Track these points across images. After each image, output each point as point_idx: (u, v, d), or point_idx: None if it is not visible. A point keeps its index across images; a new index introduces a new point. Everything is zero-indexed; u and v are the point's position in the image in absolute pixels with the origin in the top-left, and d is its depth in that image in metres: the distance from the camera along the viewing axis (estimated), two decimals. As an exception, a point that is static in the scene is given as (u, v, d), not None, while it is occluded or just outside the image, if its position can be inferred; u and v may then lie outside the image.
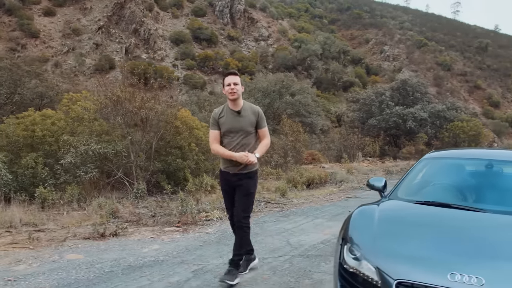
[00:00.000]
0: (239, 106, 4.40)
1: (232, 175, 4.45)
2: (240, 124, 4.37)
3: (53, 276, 4.49)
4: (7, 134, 9.75)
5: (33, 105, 22.39)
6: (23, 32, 65.53)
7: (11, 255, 5.26)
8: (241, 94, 4.45)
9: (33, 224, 6.68)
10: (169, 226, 6.79)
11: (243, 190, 4.43)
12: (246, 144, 4.38)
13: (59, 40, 67.77)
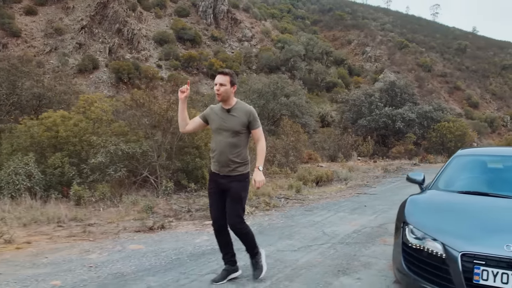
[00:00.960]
0: (229, 105, 4.31)
1: (221, 177, 4.32)
2: (228, 123, 4.27)
3: (127, 263, 4.93)
4: (32, 135, 10.06)
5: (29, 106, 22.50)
6: (4, 31, 64.63)
7: (76, 246, 5.68)
8: (230, 94, 4.31)
9: (79, 219, 7.07)
10: (207, 220, 7.28)
11: (233, 194, 4.28)
12: (236, 145, 4.25)
13: (41, 40, 67.04)
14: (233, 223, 4.29)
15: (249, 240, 4.47)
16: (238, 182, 4.27)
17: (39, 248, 5.59)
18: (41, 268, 4.77)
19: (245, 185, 4.34)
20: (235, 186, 4.26)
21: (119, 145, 9.28)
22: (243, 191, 4.32)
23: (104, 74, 62.94)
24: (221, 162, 4.28)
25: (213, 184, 4.42)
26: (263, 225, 7.13)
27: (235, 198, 4.26)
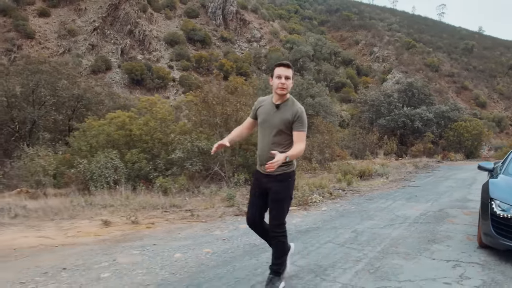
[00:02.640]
0: (281, 100, 3.90)
1: (263, 176, 3.98)
2: (274, 120, 3.85)
3: (251, 236, 5.88)
4: (108, 133, 11.05)
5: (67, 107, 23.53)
6: (18, 33, 65.68)
7: (195, 226, 6.67)
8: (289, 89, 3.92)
9: (177, 206, 8.07)
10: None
11: (273, 195, 3.92)
12: (280, 143, 3.84)
13: (55, 41, 68.07)
14: (273, 226, 3.97)
15: (282, 251, 4.05)
16: (279, 182, 3.89)
17: (165, 227, 6.58)
18: (182, 241, 5.74)
19: (287, 185, 3.96)
20: (275, 187, 3.90)
21: (195, 142, 10.28)
22: (284, 191, 3.94)
23: (117, 74, 63.94)
24: (262, 160, 3.95)
25: (255, 182, 4.14)
26: (339, 210, 8.12)
27: (275, 200, 3.93)
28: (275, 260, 4.03)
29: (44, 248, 5.45)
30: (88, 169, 9.40)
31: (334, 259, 4.90)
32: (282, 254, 4.07)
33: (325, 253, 5.13)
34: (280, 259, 4.04)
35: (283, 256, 4.08)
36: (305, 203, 8.53)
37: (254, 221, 4.16)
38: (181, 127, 11.59)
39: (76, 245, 5.61)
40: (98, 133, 11.03)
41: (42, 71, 21.83)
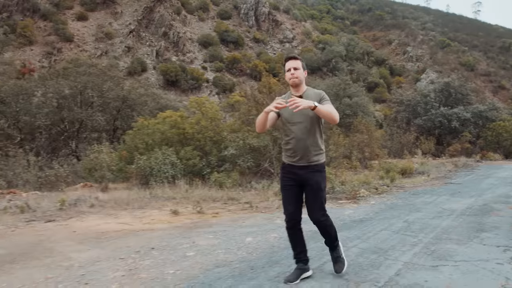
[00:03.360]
0: (301, 91, 4.03)
1: (299, 168, 3.99)
2: (303, 110, 3.78)
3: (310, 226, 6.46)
4: (162, 132, 11.78)
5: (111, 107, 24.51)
6: (58, 37, 67.87)
7: (256, 216, 7.28)
8: (303, 79, 4.10)
9: (234, 199, 8.69)
10: (338, 200, 8.82)
11: (313, 186, 3.97)
12: (312, 132, 3.96)
13: (92, 44, 70.00)
14: (317, 217, 4.04)
15: (332, 233, 4.18)
16: (318, 172, 3.99)
17: (229, 217, 7.19)
18: (249, 228, 6.31)
19: (323, 175, 4.05)
20: (315, 178, 3.97)
21: (247, 140, 10.89)
22: (323, 181, 4.04)
23: (152, 76, 65.30)
24: (298, 151, 3.96)
25: (288, 177, 4.08)
26: (387, 204, 8.59)
27: (316, 189, 3.98)
28: (330, 243, 4.25)
29: (128, 232, 6.12)
30: (148, 165, 10.11)
31: (392, 243, 5.40)
32: (335, 237, 4.22)
33: (383, 239, 5.63)
34: (334, 240, 4.22)
35: (336, 240, 4.23)
36: (354, 197, 9.03)
37: (294, 217, 4.14)
38: (231, 125, 12.23)
39: (154, 230, 6.26)
40: (153, 132, 11.74)
41: (90, 73, 22.85)
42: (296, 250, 4.24)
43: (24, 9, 70.54)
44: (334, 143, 14.19)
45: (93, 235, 5.92)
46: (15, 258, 4.86)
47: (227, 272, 4.31)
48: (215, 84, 66.98)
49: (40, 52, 66.21)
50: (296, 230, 4.21)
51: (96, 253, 5.06)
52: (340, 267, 4.18)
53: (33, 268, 4.55)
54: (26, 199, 8.50)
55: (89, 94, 22.63)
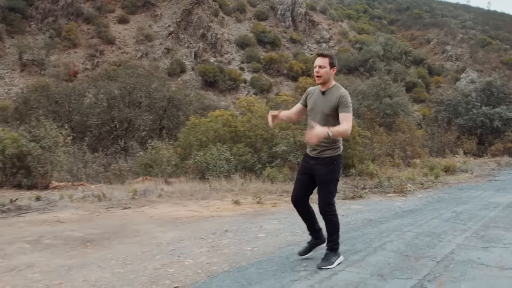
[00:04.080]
0: (326, 88, 4.21)
1: (311, 158, 4.30)
2: (321, 106, 4.16)
3: (366, 214, 7.01)
4: (215, 130, 12.53)
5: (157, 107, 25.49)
6: (100, 39, 70.09)
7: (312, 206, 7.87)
8: (329, 76, 4.19)
9: (288, 191, 9.29)
10: (387, 194, 9.33)
11: (319, 178, 4.22)
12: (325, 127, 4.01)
13: (133, 46, 71.99)
14: (322, 208, 4.25)
15: (332, 228, 4.32)
16: (326, 165, 4.18)
17: (288, 206, 7.74)
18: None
19: (333, 168, 4.21)
20: (322, 169, 4.18)
21: (297, 137, 11.49)
22: (329, 174, 4.21)
23: (191, 77, 66.65)
24: (310, 144, 4.24)
25: (303, 164, 4.47)
26: (434, 197, 9.06)
27: (323, 182, 4.22)
28: (329, 237, 4.35)
29: (199, 218, 6.81)
30: (204, 160, 10.84)
31: (443, 229, 5.88)
32: (335, 231, 4.32)
33: (434, 225, 6.13)
34: (334, 236, 4.33)
35: (336, 234, 4.33)
36: (401, 191, 9.51)
37: (297, 199, 4.46)
38: (279, 124, 12.82)
39: (222, 217, 6.93)
40: (206, 130, 12.49)
41: (138, 75, 23.90)
42: (307, 223, 4.59)
43: (68, 13, 73.02)
44: (378, 141, 14.64)
45: (169, 220, 6.63)
46: (109, 237, 5.61)
47: (298, 249, 4.91)
48: (253, 84, 67.78)
49: (83, 54, 68.56)
50: (300, 208, 4.51)
51: (178, 234, 5.74)
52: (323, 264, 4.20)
53: (128, 244, 5.27)
54: (96, 190, 9.33)
55: (138, 95, 23.63)
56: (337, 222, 4.33)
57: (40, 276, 4.10)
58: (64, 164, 10.02)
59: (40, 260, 4.61)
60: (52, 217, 6.77)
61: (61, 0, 72.83)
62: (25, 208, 7.30)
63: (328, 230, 4.34)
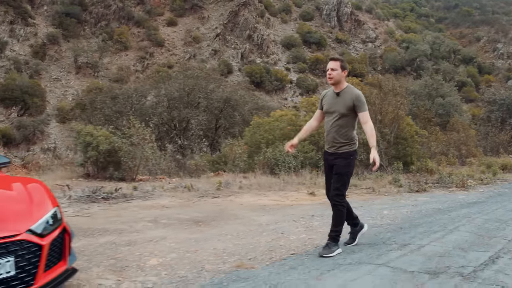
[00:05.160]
0: (339, 89, 4.56)
1: (329, 154, 4.69)
2: (336, 106, 4.53)
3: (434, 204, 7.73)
4: (281, 128, 13.45)
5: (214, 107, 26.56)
6: (150, 42, 72.39)
7: (381, 198, 8.66)
8: (341, 78, 4.56)
9: (355, 185, 10.10)
10: (449, 188, 9.99)
11: (335, 169, 4.58)
12: (342, 126, 4.52)
13: (182, 48, 73.99)
14: (333, 196, 4.61)
15: (338, 218, 4.64)
16: (343, 159, 4.54)
17: (359, 198, 8.58)
18: (380, 205, 7.67)
19: (349, 162, 4.59)
20: (339, 163, 4.55)
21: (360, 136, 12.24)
22: (345, 168, 4.56)
23: (238, 77, 67.74)
24: (328, 140, 4.66)
25: (325, 160, 4.85)
26: (495, 192, 9.68)
27: (337, 174, 4.56)
28: (333, 227, 4.64)
29: (283, 206, 7.70)
30: (273, 156, 11.76)
31: (510, 216, 6.54)
32: (340, 222, 4.64)
33: (500, 214, 6.79)
34: (338, 227, 4.62)
35: (340, 225, 4.64)
36: (462, 186, 10.12)
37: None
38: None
39: (302, 205, 7.80)
40: (271, 128, 13.41)
41: (197, 77, 25.11)
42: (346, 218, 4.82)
43: (120, 17, 75.62)
44: (435, 140, 15.17)
45: (258, 207, 7.56)
46: (214, 219, 6.57)
47: (383, 229, 5.72)
48: (299, 85, 68.42)
49: (134, 56, 70.99)
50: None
51: (271, 218, 6.64)
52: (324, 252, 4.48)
53: (233, 224, 6.20)
54: (177, 183, 10.39)
55: (196, 96, 24.82)
56: (344, 213, 4.67)
57: (176, 245, 5.07)
58: (150, 159, 11.13)
59: (168, 234, 5.61)
60: (156, 204, 7.82)
61: (113, 5, 75.49)
62: (129, 196, 8.39)
63: (334, 220, 4.65)
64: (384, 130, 12.71)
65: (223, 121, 25.72)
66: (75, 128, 11.21)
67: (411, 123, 13.95)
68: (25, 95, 55.44)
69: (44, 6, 72.75)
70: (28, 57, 63.78)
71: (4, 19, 65.32)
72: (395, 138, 13.17)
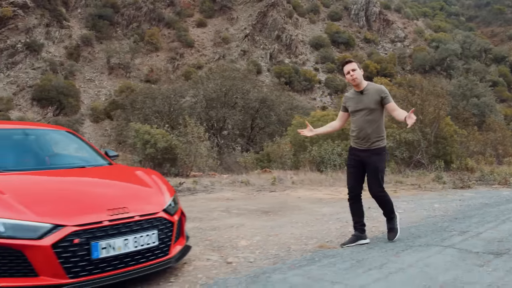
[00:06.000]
0: (361, 87, 4.74)
1: (361, 151, 4.78)
2: (363, 103, 4.70)
3: (479, 200, 8.20)
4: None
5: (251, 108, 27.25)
6: (180, 43, 73.57)
7: (429, 194, 9.17)
8: (362, 77, 4.76)
9: (400, 182, 10.63)
10: (492, 185, 10.45)
11: (372, 167, 4.72)
12: (374, 120, 4.69)
13: (211, 49, 74.98)
14: (375, 192, 4.82)
15: (388, 206, 4.93)
16: (377, 155, 4.71)
17: (407, 193, 9.12)
18: (429, 200, 8.20)
19: (383, 157, 4.78)
20: (374, 159, 4.70)
21: (402, 135, 12.77)
22: (381, 163, 4.75)
23: (267, 78, 68.29)
24: (360, 137, 4.75)
25: (352, 157, 4.90)
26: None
27: (375, 170, 4.73)
28: (387, 214, 5.00)
29: (338, 199, 8.28)
30: (319, 154, 12.37)
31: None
32: (390, 208, 4.94)
33: (547, 207, 7.28)
34: (389, 207, 4.94)
35: (392, 210, 4.95)
36: (505, 183, 10.56)
37: (355, 192, 4.93)
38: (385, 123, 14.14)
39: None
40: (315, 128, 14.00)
41: (234, 78, 25.86)
42: (354, 219, 5.00)
43: (151, 19, 77.06)
44: (473, 139, 15.52)
45: (315, 200, 8.17)
46: (280, 210, 7.21)
47: (438, 219, 6.27)
48: (327, 85, 68.66)
49: (165, 57, 72.31)
50: (355, 201, 4.97)
51: (331, 209, 7.23)
52: (392, 236, 4.93)
53: (299, 214, 6.83)
54: (233, 178, 11.08)
55: (234, 96, 25.57)
56: (390, 200, 4.94)
57: (256, 230, 5.72)
58: (204, 155, 11.87)
59: (245, 222, 6.27)
60: (220, 196, 8.52)
61: (144, 7, 76.97)
62: (193, 190, 9.11)
63: (384, 209, 4.99)
64: (425, 129, 13.17)
65: (259, 121, 26.37)
66: (133, 127, 11.99)
67: (450, 123, 14.36)
68: (60, 96, 57.26)
69: (78, 8, 74.76)
70: (63, 58, 65.71)
71: (40, 22, 67.42)
72: (435, 137, 13.59)
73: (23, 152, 4.46)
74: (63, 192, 3.58)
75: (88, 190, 3.77)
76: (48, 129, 5.25)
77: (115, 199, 3.58)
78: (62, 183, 3.83)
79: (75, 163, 4.51)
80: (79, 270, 3.11)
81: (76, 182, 3.93)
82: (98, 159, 4.75)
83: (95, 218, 3.25)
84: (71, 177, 4.04)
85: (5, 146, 4.37)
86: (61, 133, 5.11)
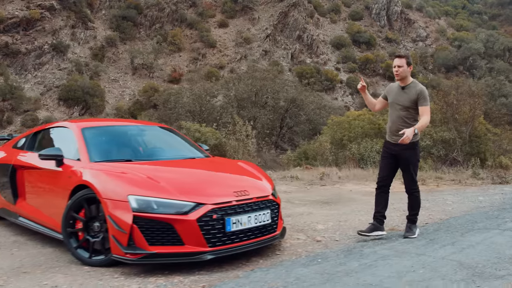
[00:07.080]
0: (404, 83, 4.88)
1: (394, 145, 4.90)
2: (401, 99, 4.86)
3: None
4: (362, 127, 14.72)
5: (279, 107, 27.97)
6: (202, 43, 74.41)
7: (469, 188, 9.77)
8: (407, 73, 4.89)
9: (440, 178, 11.25)
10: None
11: (404, 162, 4.91)
12: (407, 117, 4.82)
13: (233, 49, 75.69)
14: (408, 186, 5.08)
15: (416, 204, 5.09)
16: (409, 150, 4.82)
17: (449, 187, 9.73)
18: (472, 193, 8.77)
19: (415, 152, 4.91)
20: (406, 154, 4.85)
21: (439, 133, 13.38)
22: (412, 157, 4.91)
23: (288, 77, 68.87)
24: (393, 132, 4.92)
25: (386, 150, 5.09)
26: None
27: (407, 165, 4.92)
28: (412, 211, 5.12)
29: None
30: (358, 151, 13.04)
31: None
32: (417, 206, 5.11)
33: None
34: (416, 210, 5.11)
35: (418, 208, 5.12)
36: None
37: (384, 182, 5.12)
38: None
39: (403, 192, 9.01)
40: (351, 126, 14.69)
41: (265, 78, 26.61)
42: (377, 209, 5.13)
43: (173, 20, 78.01)
44: (506, 137, 16.04)
45: (366, 193, 8.83)
46: (337, 201, 7.89)
47: (488, 209, 6.90)
48: (349, 85, 68.83)
49: (187, 58, 73.21)
50: (382, 192, 5.16)
51: (384, 200, 7.90)
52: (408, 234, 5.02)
53: (357, 204, 7.50)
54: (279, 174, 11.79)
55: (264, 96, 26.31)
56: (420, 198, 5.13)
57: (325, 217, 6.43)
58: (252, 152, 12.62)
59: (311, 210, 6.98)
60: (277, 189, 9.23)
61: (167, 8, 78.05)
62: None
63: (412, 205, 5.13)
64: (460, 128, 13.74)
65: (289, 120, 27.07)
66: (185, 125, 12.80)
67: (483, 121, 14.92)
68: (86, 95, 58.58)
69: (102, 10, 76.15)
70: (88, 59, 67.05)
71: (66, 23, 68.94)
72: (469, 136, 14.15)
73: (143, 145, 5.25)
74: (197, 177, 4.37)
75: (214, 176, 4.55)
76: (156, 126, 6.03)
77: (237, 184, 4.36)
78: (190, 171, 4.62)
79: (186, 155, 5.28)
80: (216, 241, 3.85)
81: (200, 170, 4.71)
82: (200, 152, 5.52)
83: (226, 198, 4.01)
84: (191, 167, 4.81)
85: (131, 140, 5.15)
86: (166, 129, 5.90)
